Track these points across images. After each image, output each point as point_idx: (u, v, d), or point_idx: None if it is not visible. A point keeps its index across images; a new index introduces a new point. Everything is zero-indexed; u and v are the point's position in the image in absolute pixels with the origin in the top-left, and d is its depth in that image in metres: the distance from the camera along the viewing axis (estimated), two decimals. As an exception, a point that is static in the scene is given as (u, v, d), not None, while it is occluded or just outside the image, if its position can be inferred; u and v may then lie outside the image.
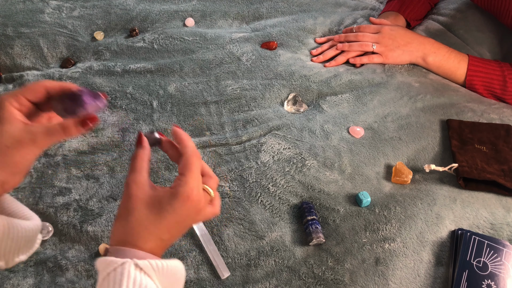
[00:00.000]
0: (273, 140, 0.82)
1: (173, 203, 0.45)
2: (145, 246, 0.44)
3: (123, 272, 0.41)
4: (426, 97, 0.90)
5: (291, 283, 0.64)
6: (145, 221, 0.45)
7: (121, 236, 0.44)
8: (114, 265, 0.41)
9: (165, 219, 0.45)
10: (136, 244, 0.44)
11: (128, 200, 0.45)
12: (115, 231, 0.45)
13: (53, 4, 1.13)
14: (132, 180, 0.47)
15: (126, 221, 0.45)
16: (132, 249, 0.43)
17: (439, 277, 0.64)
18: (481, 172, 0.74)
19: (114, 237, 0.45)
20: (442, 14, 1.09)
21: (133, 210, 0.45)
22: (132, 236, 0.44)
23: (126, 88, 0.93)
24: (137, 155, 0.49)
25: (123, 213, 0.45)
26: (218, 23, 1.10)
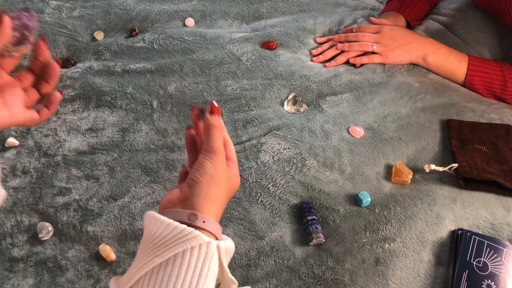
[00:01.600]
0: (273, 140, 0.82)
1: (234, 186, 0.49)
2: (216, 217, 0.44)
3: (208, 252, 0.39)
4: (426, 97, 0.90)
5: (291, 283, 0.64)
6: (225, 199, 0.46)
7: (206, 202, 0.44)
8: (200, 241, 0.39)
9: (228, 197, 0.48)
10: (216, 216, 0.44)
11: (217, 170, 0.46)
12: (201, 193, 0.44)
13: (53, 4, 1.13)
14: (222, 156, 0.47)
15: (217, 192, 0.45)
16: (217, 224, 0.43)
17: (439, 277, 0.64)
18: (481, 172, 0.74)
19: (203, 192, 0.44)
20: (442, 14, 1.09)
21: (224, 185, 0.46)
22: (217, 208, 0.44)
23: (126, 88, 0.93)
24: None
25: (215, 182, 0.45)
26: (218, 23, 1.10)
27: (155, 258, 0.38)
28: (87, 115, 0.89)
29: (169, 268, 0.38)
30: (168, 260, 0.38)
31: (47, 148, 0.83)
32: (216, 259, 0.40)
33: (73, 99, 0.92)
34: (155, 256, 0.39)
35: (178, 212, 0.42)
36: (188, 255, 0.38)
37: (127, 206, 0.73)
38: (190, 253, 0.38)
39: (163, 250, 0.39)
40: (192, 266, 0.38)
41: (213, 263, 0.39)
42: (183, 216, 0.42)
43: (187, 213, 0.42)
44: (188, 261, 0.38)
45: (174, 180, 0.77)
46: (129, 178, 0.78)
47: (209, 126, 0.48)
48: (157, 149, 0.82)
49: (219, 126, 0.48)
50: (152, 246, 0.40)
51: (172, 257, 0.38)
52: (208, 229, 0.42)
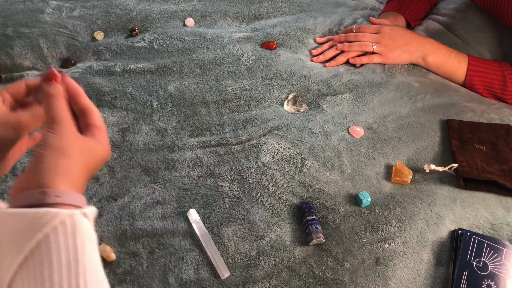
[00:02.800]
0: (273, 140, 0.82)
1: (98, 153, 0.45)
2: (74, 188, 0.40)
3: (75, 224, 0.35)
4: (426, 97, 0.90)
5: (291, 283, 0.64)
6: (83, 168, 0.42)
7: (56, 175, 0.39)
8: (61, 217, 0.35)
9: (90, 166, 0.44)
10: (73, 188, 0.40)
11: (63, 139, 0.41)
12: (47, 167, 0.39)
13: (53, 4, 1.13)
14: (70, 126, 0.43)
15: (67, 163, 0.40)
16: (79, 195, 0.39)
17: (439, 277, 0.64)
18: (481, 172, 0.74)
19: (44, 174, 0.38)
20: (442, 14, 1.09)
21: (76, 154, 0.42)
22: (71, 179, 0.40)
23: (126, 88, 0.93)
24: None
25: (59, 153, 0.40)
26: (218, 23, 1.10)
27: (17, 256, 0.33)
28: (87, 115, 0.89)
29: (37, 258, 0.33)
30: (33, 251, 0.33)
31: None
32: (88, 225, 0.37)
33: (73, 99, 0.91)
34: (16, 252, 0.33)
35: (24, 196, 0.37)
36: (53, 237, 0.34)
37: (127, 206, 0.73)
38: (54, 234, 0.34)
39: (23, 243, 0.33)
40: (63, 245, 0.34)
41: (85, 230, 0.36)
42: (31, 198, 0.36)
43: (35, 194, 0.36)
44: (56, 242, 0.34)
45: (174, 180, 0.77)
46: (129, 178, 0.78)
47: (46, 95, 0.44)
48: (157, 149, 0.82)
49: (57, 93, 0.44)
50: (10, 245, 0.34)
51: (36, 246, 0.33)
52: (66, 202, 0.37)
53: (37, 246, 0.33)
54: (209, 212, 0.72)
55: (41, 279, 0.32)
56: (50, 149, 0.40)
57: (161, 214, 0.72)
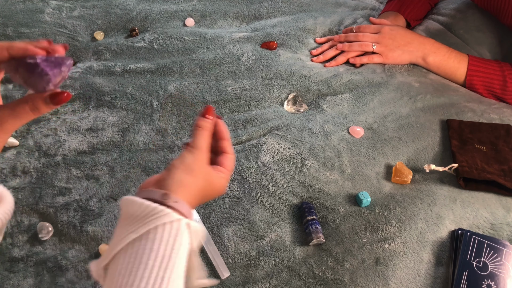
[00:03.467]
0: (273, 140, 0.82)
1: (215, 186, 0.50)
2: (188, 202, 0.46)
3: (179, 228, 0.41)
4: (426, 97, 0.90)
5: (291, 283, 0.64)
6: (202, 191, 0.48)
7: (180, 187, 0.45)
8: (172, 218, 0.41)
9: (205, 193, 0.49)
10: (189, 202, 0.45)
11: (195, 162, 0.48)
12: (176, 178, 0.46)
13: (53, 4, 1.13)
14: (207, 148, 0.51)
15: (192, 180, 0.47)
16: (188, 206, 0.45)
17: (439, 277, 0.64)
18: (481, 172, 0.74)
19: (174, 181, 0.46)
20: (442, 14, 1.09)
21: (201, 178, 0.48)
22: (190, 194, 0.46)
23: (126, 88, 0.93)
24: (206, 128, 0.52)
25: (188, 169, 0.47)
26: (218, 23, 1.10)
27: (129, 235, 0.40)
28: (87, 115, 0.89)
29: (143, 242, 0.40)
30: (142, 236, 0.40)
31: (47, 148, 0.83)
32: (186, 235, 0.42)
33: (73, 99, 0.92)
34: (129, 232, 0.41)
35: (151, 191, 0.44)
36: (160, 230, 0.40)
37: (127, 206, 0.73)
38: (162, 228, 0.40)
39: (137, 227, 0.41)
40: (165, 240, 0.40)
41: (184, 238, 0.41)
42: (157, 195, 0.44)
43: (160, 193, 0.44)
44: (161, 236, 0.40)
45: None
46: (129, 178, 0.78)
47: (196, 126, 0.52)
48: (157, 149, 0.82)
49: (205, 128, 0.52)
50: (126, 225, 0.42)
51: (146, 232, 0.40)
52: (179, 209, 0.43)
53: (146, 233, 0.40)
54: (209, 212, 0.72)
55: (139, 260, 0.39)
56: (183, 165, 0.47)
57: (161, 214, 0.72)
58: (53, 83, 0.42)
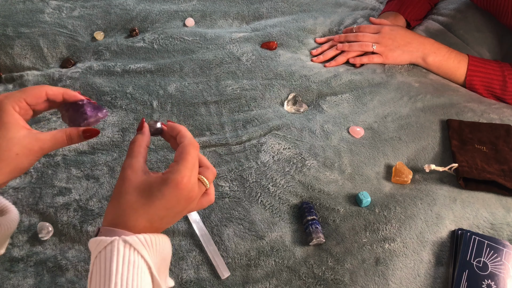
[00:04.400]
0: (273, 140, 0.82)
1: (162, 188, 0.45)
2: (135, 228, 0.45)
3: (112, 250, 0.42)
4: (426, 97, 0.90)
5: (291, 283, 0.64)
6: (135, 204, 0.45)
7: (112, 217, 0.45)
8: (104, 243, 0.42)
9: (154, 204, 0.45)
10: (126, 225, 0.45)
11: (122, 183, 0.46)
12: (107, 212, 0.46)
13: (53, 4, 1.13)
14: (128, 165, 0.47)
15: (118, 203, 0.45)
16: (121, 230, 0.44)
17: (439, 277, 0.64)
18: (481, 172, 0.74)
19: (106, 218, 0.46)
20: (442, 14, 1.09)
21: (125, 193, 0.46)
22: (122, 218, 0.45)
23: (126, 88, 0.93)
24: (136, 140, 0.50)
25: (116, 195, 0.46)
26: (218, 23, 1.10)
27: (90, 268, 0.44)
28: (87, 115, 0.89)
29: (94, 269, 0.43)
30: (94, 262, 0.43)
31: (47, 148, 0.82)
32: (125, 251, 0.42)
33: (73, 99, 0.91)
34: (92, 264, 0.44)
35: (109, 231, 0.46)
36: (102, 255, 0.43)
37: (127, 206, 0.73)
38: (104, 253, 0.43)
39: (91, 261, 0.44)
40: (102, 262, 0.42)
41: (123, 255, 0.42)
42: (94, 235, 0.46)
43: (94, 233, 0.46)
44: (99, 261, 0.42)
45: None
46: (129, 178, 0.78)
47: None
48: (157, 149, 0.82)
49: (133, 142, 0.50)
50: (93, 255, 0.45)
51: (92, 263, 0.44)
52: (110, 234, 0.44)
53: (92, 264, 0.43)
54: (209, 212, 0.72)
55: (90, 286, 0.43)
56: (114, 192, 0.48)
57: (161, 214, 0.72)
58: (89, 121, 0.53)
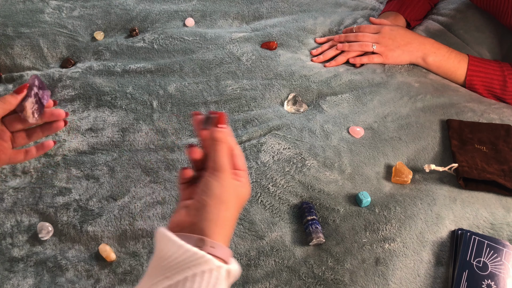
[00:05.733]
0: (273, 140, 0.82)
1: (243, 197, 0.46)
2: (224, 240, 0.43)
3: (218, 277, 0.39)
4: (426, 97, 0.90)
5: (291, 283, 0.64)
6: (235, 218, 0.44)
7: (213, 225, 0.42)
8: (211, 265, 0.38)
9: (238, 212, 0.45)
10: (225, 240, 0.43)
11: (224, 190, 0.44)
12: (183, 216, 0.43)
13: (53, 4, 1.13)
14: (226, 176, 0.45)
15: (225, 214, 0.43)
16: (228, 250, 0.42)
17: (439, 277, 0.64)
18: (481, 172, 0.74)
19: (187, 223, 0.43)
20: (442, 14, 1.09)
21: (233, 204, 0.44)
22: (226, 232, 0.43)
23: (126, 88, 0.93)
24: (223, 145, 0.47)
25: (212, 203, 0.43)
26: (218, 23, 1.10)
27: (164, 280, 0.38)
28: (87, 115, 0.89)
29: (190, 284, 0.37)
30: (177, 283, 0.38)
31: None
32: (225, 284, 0.39)
33: (73, 99, 0.92)
34: (164, 277, 0.38)
35: (186, 236, 0.41)
36: (198, 279, 0.38)
37: (127, 206, 0.73)
38: (200, 277, 0.38)
39: (173, 273, 0.38)
40: (211, 285, 0.38)
41: (223, 287, 0.39)
42: (191, 241, 0.40)
43: (194, 239, 0.41)
44: (198, 286, 0.37)
45: (174, 180, 0.77)
46: (129, 178, 0.78)
47: (213, 140, 0.46)
48: (157, 149, 0.82)
49: (224, 140, 0.46)
50: (162, 267, 0.39)
51: (182, 280, 0.38)
52: (217, 255, 0.40)
53: (183, 280, 0.37)
54: (209, 212, 0.72)
55: None
56: (214, 199, 0.43)
57: (161, 214, 0.72)
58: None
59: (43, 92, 0.57)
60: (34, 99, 0.55)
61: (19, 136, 0.57)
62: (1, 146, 0.54)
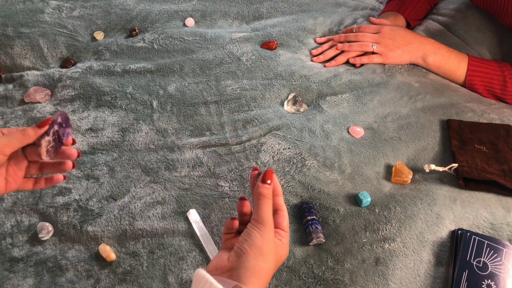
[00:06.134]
0: (273, 140, 0.82)
1: (282, 256, 0.49)
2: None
3: None
4: (426, 97, 0.90)
5: (291, 283, 0.64)
6: (272, 272, 0.46)
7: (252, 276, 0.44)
8: None
9: (275, 268, 0.47)
10: None
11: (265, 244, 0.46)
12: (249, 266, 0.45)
13: (53, 4, 1.13)
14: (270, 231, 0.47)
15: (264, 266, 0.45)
16: None
17: (439, 277, 0.64)
18: (481, 172, 0.74)
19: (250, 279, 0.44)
20: (442, 14, 1.09)
21: (272, 258, 0.46)
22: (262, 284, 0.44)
23: (126, 88, 0.93)
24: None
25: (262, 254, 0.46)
26: (218, 23, 1.10)
27: None
28: (87, 115, 0.89)
29: None
30: None
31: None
32: None
33: (73, 99, 0.92)
34: None
35: (224, 281, 0.43)
36: None
37: (127, 206, 0.73)
38: None
39: None
40: None
41: None
42: (229, 286, 0.42)
43: (232, 284, 0.42)
44: None
45: (174, 180, 0.77)
46: (129, 178, 0.78)
47: (258, 195, 0.48)
48: (157, 149, 0.82)
49: (268, 196, 0.48)
50: None
51: None
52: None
53: None
54: (209, 212, 0.72)
55: None
56: (254, 249, 0.45)
57: (161, 214, 0.72)
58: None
59: (64, 130, 0.55)
60: (51, 137, 0.54)
61: (33, 167, 0.58)
62: (15, 175, 0.55)
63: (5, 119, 0.89)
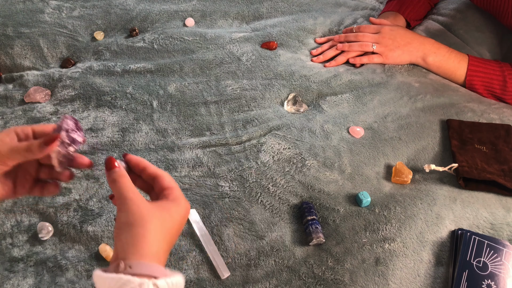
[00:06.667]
0: (273, 140, 0.82)
1: (178, 212, 0.48)
2: (153, 257, 0.43)
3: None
4: (426, 97, 0.90)
5: (291, 283, 0.64)
6: (153, 232, 0.44)
7: (123, 249, 0.43)
8: (131, 285, 0.40)
9: (172, 229, 0.46)
10: (142, 255, 0.43)
11: (130, 214, 0.45)
12: (123, 242, 0.44)
13: (53, 4, 1.13)
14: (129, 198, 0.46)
15: (137, 232, 0.44)
16: (150, 264, 0.42)
17: (439, 277, 0.64)
18: (481, 172, 0.74)
19: (119, 252, 0.43)
20: (442, 14, 1.09)
21: (146, 222, 0.45)
22: (136, 248, 0.43)
23: (126, 88, 0.93)
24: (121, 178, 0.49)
25: (131, 224, 0.44)
26: (218, 23, 1.10)
27: None
28: (87, 115, 0.89)
29: None
30: None
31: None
32: None
33: (73, 99, 0.92)
34: None
35: (109, 268, 0.43)
36: None
37: (127, 206, 0.73)
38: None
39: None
40: None
41: None
42: (110, 270, 0.42)
43: (112, 267, 0.42)
44: None
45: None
46: (129, 178, 0.78)
47: (111, 182, 0.48)
48: (157, 149, 0.82)
49: (120, 177, 0.48)
50: None
51: None
52: (137, 272, 0.41)
53: None
54: (209, 212, 0.72)
55: None
56: (121, 226, 0.45)
57: (161, 214, 0.72)
58: None
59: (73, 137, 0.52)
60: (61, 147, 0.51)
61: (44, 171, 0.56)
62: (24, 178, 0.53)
63: (5, 119, 0.89)
